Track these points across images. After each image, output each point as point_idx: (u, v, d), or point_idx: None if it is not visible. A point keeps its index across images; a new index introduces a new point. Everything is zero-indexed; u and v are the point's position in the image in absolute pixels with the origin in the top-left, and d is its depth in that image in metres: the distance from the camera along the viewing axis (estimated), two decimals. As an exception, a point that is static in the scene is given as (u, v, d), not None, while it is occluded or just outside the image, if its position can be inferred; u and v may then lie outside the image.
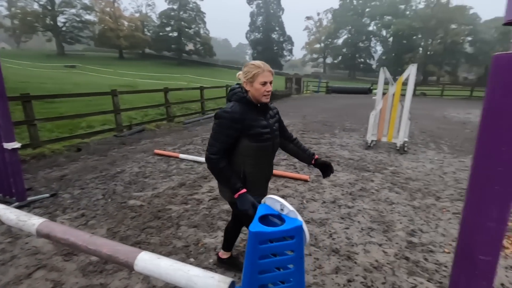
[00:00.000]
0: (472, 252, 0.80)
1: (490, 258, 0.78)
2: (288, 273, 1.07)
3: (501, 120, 0.68)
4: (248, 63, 1.62)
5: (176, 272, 1.26)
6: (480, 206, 0.77)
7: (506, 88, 0.68)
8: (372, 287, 2.06)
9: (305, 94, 21.73)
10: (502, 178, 0.73)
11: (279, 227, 1.04)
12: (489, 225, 0.76)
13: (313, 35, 70.43)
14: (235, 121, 1.52)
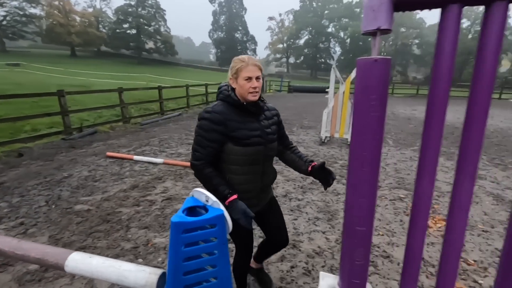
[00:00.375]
0: (352, 224, 0.94)
1: (365, 229, 0.93)
2: (212, 259, 1.15)
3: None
4: (234, 57, 1.45)
5: (107, 268, 1.28)
6: (356, 185, 0.92)
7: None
8: (312, 270, 2.24)
9: (267, 93, 22.11)
10: (370, 161, 0.87)
11: (200, 217, 1.12)
12: (362, 200, 0.91)
13: (275, 35, 71.76)
14: (216, 123, 1.35)
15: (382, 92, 0.82)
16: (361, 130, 0.86)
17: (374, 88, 0.81)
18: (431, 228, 2.93)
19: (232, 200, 1.34)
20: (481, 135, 0.80)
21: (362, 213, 0.90)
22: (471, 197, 0.84)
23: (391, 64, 0.81)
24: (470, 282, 2.16)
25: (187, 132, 7.36)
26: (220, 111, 1.37)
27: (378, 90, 0.81)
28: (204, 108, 1.44)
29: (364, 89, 0.84)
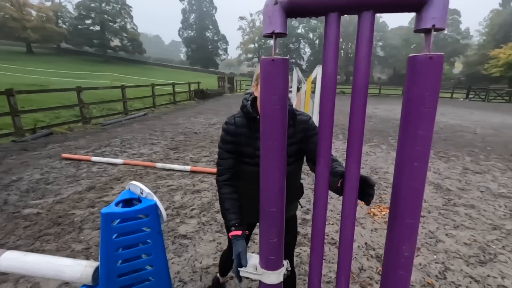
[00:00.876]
0: (265, 206, 1.05)
1: (275, 209, 1.05)
2: (147, 248, 1.21)
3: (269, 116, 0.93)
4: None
5: (44, 265, 1.29)
6: (266, 171, 1.03)
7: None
8: (263, 260, 2.35)
9: (238, 92, 22.17)
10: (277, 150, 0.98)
11: (131, 208, 1.17)
12: (272, 184, 1.02)
13: (247, 35, 71.92)
14: (230, 134, 1.29)
15: (282, 88, 0.94)
16: (268, 122, 0.97)
17: (275, 84, 0.93)
18: (376, 216, 3.19)
19: (234, 234, 1.17)
20: (362, 126, 0.95)
21: (273, 196, 1.02)
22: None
23: (288, 63, 0.93)
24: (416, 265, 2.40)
25: (151, 132, 7.21)
26: (235, 123, 1.29)
27: (278, 86, 0.93)
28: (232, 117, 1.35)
29: (267, 85, 0.95)
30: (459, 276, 2.24)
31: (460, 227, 3.00)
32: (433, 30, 0.72)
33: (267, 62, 0.91)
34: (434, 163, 5.29)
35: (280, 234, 1.06)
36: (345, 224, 1.06)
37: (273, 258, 1.09)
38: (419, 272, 2.27)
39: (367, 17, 0.86)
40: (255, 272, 1.09)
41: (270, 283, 1.09)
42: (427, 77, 0.74)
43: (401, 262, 0.97)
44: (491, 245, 2.67)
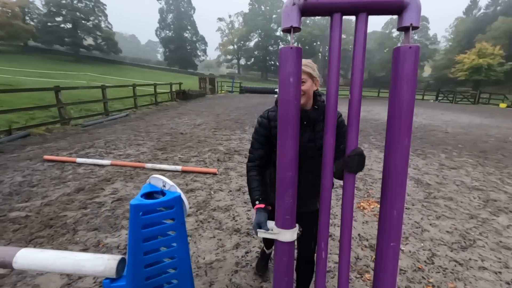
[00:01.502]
0: (282, 171, 1.15)
1: (291, 173, 1.13)
2: (171, 239, 1.24)
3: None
4: None
5: (61, 260, 1.28)
6: (283, 142, 1.12)
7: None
8: (265, 254, 2.42)
9: (219, 94, 22.10)
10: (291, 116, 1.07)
11: (158, 199, 1.20)
12: (288, 151, 1.11)
13: (226, 36, 71.82)
14: (263, 127, 1.43)
15: (297, 71, 1.10)
16: (284, 95, 1.12)
17: (292, 68, 1.10)
18: (365, 210, 3.36)
19: (258, 207, 1.32)
20: (357, 122, 1.12)
21: (289, 161, 1.11)
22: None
23: (302, 52, 1.09)
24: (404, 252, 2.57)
25: (136, 133, 7.05)
26: (268, 117, 1.43)
27: (294, 70, 1.10)
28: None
29: (287, 67, 1.05)
30: (445, 260, 2.44)
31: (441, 217, 3.24)
32: (411, 28, 0.99)
33: (287, 49, 1.05)
34: (413, 160, 5.62)
35: (294, 196, 1.18)
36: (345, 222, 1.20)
37: (288, 217, 1.20)
38: (409, 258, 2.44)
39: (362, 18, 1.05)
40: (273, 232, 1.21)
41: (285, 241, 1.20)
42: (408, 62, 0.99)
43: (390, 246, 1.16)
44: (470, 232, 2.91)
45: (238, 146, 6.10)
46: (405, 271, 2.27)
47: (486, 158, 6.01)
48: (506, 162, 5.75)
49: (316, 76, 1.36)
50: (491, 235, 2.88)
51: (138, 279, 1.17)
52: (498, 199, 3.81)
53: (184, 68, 61.68)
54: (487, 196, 3.91)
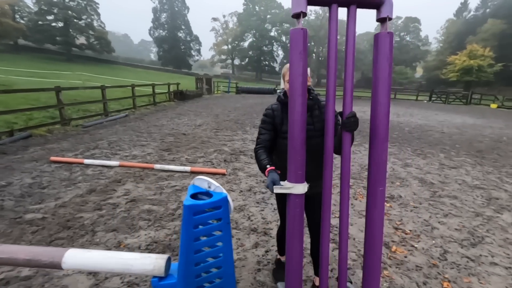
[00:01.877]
0: (293, 147, 1.22)
1: (301, 136, 1.19)
2: (217, 238, 1.29)
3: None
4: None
5: (110, 260, 1.32)
6: (293, 127, 1.20)
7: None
8: (284, 252, 2.48)
9: (216, 94, 22.07)
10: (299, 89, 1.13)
11: (209, 200, 1.25)
12: (297, 117, 1.16)
13: (220, 36, 71.63)
14: (268, 116, 1.75)
15: (304, 53, 1.22)
16: (294, 73, 1.39)
17: (301, 47, 1.38)
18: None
19: (269, 170, 1.54)
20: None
21: (299, 125, 1.36)
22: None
23: (307, 33, 1.36)
24: (408, 247, 2.66)
25: (138, 133, 7.03)
26: (272, 108, 1.76)
27: (302, 50, 1.39)
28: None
29: (297, 46, 1.13)
30: (457, 257, 2.53)
31: (448, 215, 3.34)
32: (388, 19, 1.35)
33: (297, 30, 1.30)
34: (414, 159, 5.75)
35: (303, 155, 1.38)
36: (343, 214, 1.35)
37: (300, 172, 1.38)
38: (423, 255, 2.53)
39: (352, 10, 1.35)
40: (287, 187, 1.38)
41: (298, 193, 1.39)
42: (386, 44, 1.36)
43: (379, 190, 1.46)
44: (478, 230, 3.03)
45: (242, 146, 6.14)
46: (421, 268, 2.36)
47: (483, 157, 6.18)
48: (502, 161, 5.93)
49: (308, 75, 1.54)
50: (498, 232, 2.99)
51: (189, 276, 1.21)
52: (500, 197, 3.95)
53: (178, 68, 61.32)
54: (489, 194, 4.04)
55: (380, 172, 1.44)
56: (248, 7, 67.87)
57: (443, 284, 2.17)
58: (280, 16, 66.22)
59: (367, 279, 1.52)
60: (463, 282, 2.21)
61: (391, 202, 3.65)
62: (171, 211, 3.13)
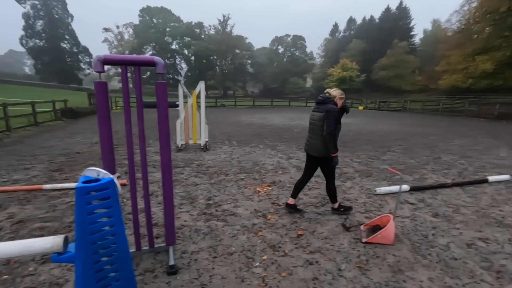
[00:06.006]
0: (104, 147, 1.80)
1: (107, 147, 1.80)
2: (108, 212, 1.68)
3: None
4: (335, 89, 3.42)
5: (10, 246, 1.54)
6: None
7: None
8: (180, 236, 2.94)
9: (114, 110, 20.52)
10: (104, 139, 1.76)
11: (97, 182, 1.63)
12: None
13: (114, 48, 66.15)
14: (337, 112, 3.13)
15: (106, 103, 1.80)
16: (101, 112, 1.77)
17: (102, 97, 1.84)
18: (260, 192, 4.26)
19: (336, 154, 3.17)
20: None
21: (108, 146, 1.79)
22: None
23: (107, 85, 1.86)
24: (280, 214, 3.50)
25: (18, 158, 6.20)
26: (337, 111, 3.17)
27: (104, 99, 1.82)
28: (332, 105, 3.13)
29: (102, 95, 1.76)
30: (311, 214, 3.51)
31: (312, 189, 4.44)
32: (160, 74, 2.27)
33: (100, 83, 2.10)
34: (296, 153, 7.06)
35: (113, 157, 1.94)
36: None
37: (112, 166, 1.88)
38: (289, 218, 3.40)
39: (137, 70, 2.24)
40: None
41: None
42: (163, 90, 2.31)
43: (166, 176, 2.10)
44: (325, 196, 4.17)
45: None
46: (285, 225, 3.21)
47: (345, 146, 8.06)
48: (356, 148, 7.89)
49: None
50: (340, 194, 4.20)
51: (86, 245, 1.57)
52: (348, 172, 5.40)
53: (65, 83, 53.50)
54: (341, 170, 5.46)
55: (166, 160, 2.38)
56: (144, 19, 65.26)
57: (298, 232, 3.05)
58: (180, 30, 66.05)
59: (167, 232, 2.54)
60: (311, 228, 3.14)
61: (273, 186, 4.57)
62: (67, 224, 3.16)
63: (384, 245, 2.81)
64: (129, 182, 2.53)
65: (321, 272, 2.40)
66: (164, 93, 2.34)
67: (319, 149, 3.21)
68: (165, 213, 2.57)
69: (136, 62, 2.21)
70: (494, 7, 18.07)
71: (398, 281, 2.30)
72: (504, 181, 4.99)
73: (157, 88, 2.33)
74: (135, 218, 2.50)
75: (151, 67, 2.27)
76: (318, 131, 3.18)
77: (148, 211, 2.55)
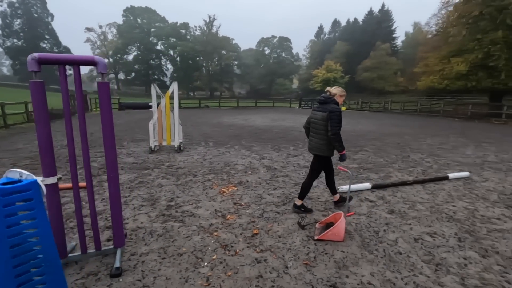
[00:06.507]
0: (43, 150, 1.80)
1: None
2: (32, 213, 1.65)
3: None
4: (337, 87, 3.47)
5: None
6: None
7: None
8: (133, 238, 2.91)
9: (94, 112, 20.06)
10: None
11: (16, 184, 1.60)
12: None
13: (98, 48, 64.77)
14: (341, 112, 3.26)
15: (43, 104, 1.78)
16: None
17: (40, 97, 1.81)
18: (224, 193, 4.27)
19: (344, 151, 3.30)
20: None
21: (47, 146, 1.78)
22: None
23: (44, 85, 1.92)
24: (239, 214, 3.51)
25: (-21, 161, 5.97)
26: (340, 110, 3.27)
27: (41, 100, 1.78)
28: (334, 105, 3.24)
29: (38, 96, 1.72)
30: (271, 213, 3.54)
31: (277, 188, 4.48)
32: (102, 73, 2.27)
33: (36, 82, 2.07)
34: (270, 153, 7.10)
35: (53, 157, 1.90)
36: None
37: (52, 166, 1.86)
38: (247, 217, 3.42)
39: (76, 69, 2.22)
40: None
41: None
42: (105, 90, 2.31)
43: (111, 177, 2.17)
44: (292, 194, 4.22)
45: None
46: (242, 225, 3.22)
47: (320, 146, 8.15)
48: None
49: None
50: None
51: (4, 247, 1.53)
52: (316, 171, 5.47)
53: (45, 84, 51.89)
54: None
55: (111, 161, 2.42)
56: (128, 19, 64.21)
57: (253, 232, 3.07)
58: (165, 30, 65.34)
59: (114, 234, 2.54)
60: (267, 227, 3.17)
61: (239, 186, 4.58)
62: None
63: (335, 242, 2.87)
64: (73, 185, 2.48)
65: (267, 270, 2.42)
66: (107, 94, 2.32)
67: (322, 148, 3.34)
68: (112, 214, 2.53)
69: (75, 61, 2.18)
70: (467, 11, 18.79)
71: (341, 276, 2.35)
72: (464, 177, 5.20)
73: (99, 88, 2.31)
74: (79, 221, 2.45)
75: (92, 66, 2.24)
76: (321, 130, 3.29)
77: (93, 213, 2.51)
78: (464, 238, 3.02)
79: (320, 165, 3.49)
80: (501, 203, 4.05)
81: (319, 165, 3.50)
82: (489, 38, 17.06)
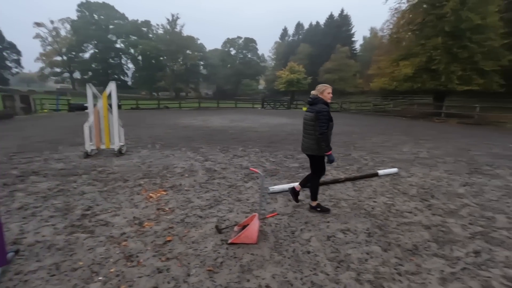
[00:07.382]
0: None
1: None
2: None
3: None
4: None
5: None
6: None
7: None
8: (25, 255, 2.62)
9: (40, 113, 18.44)
10: None
11: None
12: None
13: (49, 45, 59.98)
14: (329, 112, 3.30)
15: None
16: None
17: None
18: (151, 198, 4.07)
19: (330, 152, 3.30)
20: None
21: None
22: None
23: None
24: (158, 220, 3.35)
25: None
26: (327, 110, 3.31)
27: None
28: (322, 105, 3.31)
29: None
30: (194, 218, 3.42)
31: (209, 191, 4.37)
32: None
33: None
34: (216, 155, 6.98)
35: None
36: None
37: None
38: (166, 223, 3.27)
39: None
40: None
41: None
42: None
43: None
44: (222, 196, 4.14)
45: (38, 167, 5.62)
46: (157, 232, 3.06)
47: (269, 146, 8.21)
48: (280, 147, 8.08)
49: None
50: (235, 195, 4.20)
51: None
52: (252, 172, 5.46)
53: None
54: (248, 171, 5.50)
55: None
56: (83, 14, 60.33)
57: (167, 239, 2.93)
58: (125, 28, 62.40)
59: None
60: (183, 233, 3.04)
61: (169, 190, 4.40)
62: None
63: (248, 245, 2.83)
64: None
65: (165, 280, 2.30)
66: None
67: (312, 148, 3.40)
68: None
69: None
70: (412, 18, 20.27)
71: (241, 281, 2.30)
72: (392, 174, 5.50)
73: None
74: None
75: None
76: (310, 131, 3.37)
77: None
78: (374, 233, 3.15)
79: (314, 163, 3.53)
80: (417, 197, 4.32)
81: (314, 164, 3.54)
82: (431, 43, 18.50)
